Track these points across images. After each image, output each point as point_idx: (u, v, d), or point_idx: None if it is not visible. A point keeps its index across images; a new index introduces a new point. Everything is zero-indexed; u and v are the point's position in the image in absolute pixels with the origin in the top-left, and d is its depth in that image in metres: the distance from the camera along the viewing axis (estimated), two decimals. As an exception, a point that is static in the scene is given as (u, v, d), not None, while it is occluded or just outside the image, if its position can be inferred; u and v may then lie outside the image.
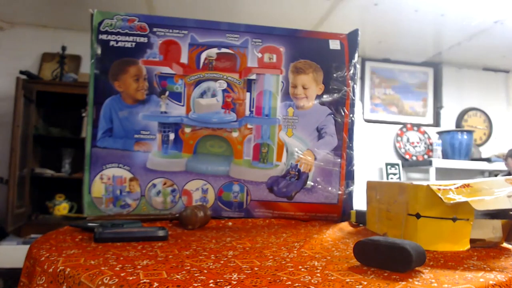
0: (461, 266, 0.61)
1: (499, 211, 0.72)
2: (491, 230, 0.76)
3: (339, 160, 1.11)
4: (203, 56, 1.08)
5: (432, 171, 3.57)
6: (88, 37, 1.06)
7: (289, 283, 0.50)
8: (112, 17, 1.06)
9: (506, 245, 0.77)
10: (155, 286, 0.48)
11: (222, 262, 0.61)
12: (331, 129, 1.11)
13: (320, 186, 1.10)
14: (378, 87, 3.96)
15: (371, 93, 3.94)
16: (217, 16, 2.98)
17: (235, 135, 1.08)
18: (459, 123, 4.07)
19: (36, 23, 3.29)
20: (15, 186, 2.71)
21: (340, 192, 1.10)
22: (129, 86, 1.05)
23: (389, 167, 3.77)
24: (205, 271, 0.55)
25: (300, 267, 0.58)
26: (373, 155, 3.79)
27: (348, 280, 0.51)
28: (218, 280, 0.51)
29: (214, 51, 1.09)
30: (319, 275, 0.54)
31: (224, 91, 1.08)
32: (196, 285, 0.48)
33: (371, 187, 0.96)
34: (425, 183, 0.72)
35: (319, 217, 1.11)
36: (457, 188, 0.72)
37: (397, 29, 3.21)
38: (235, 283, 0.50)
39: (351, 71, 1.13)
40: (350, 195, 1.12)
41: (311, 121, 1.11)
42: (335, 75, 1.12)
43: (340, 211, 1.10)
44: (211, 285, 0.49)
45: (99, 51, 1.05)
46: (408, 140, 3.94)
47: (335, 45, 1.14)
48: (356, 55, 1.15)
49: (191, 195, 1.07)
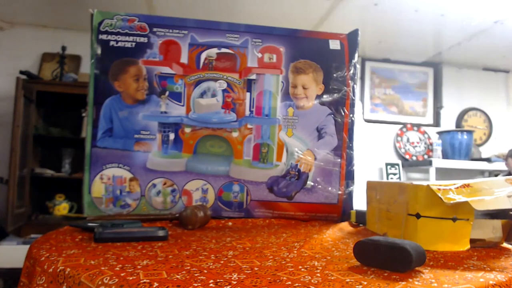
0: (461, 266, 0.61)
1: (499, 211, 0.72)
2: (491, 230, 0.76)
3: (339, 160, 1.11)
4: (203, 56, 1.08)
5: (432, 171, 3.57)
6: (88, 37, 1.06)
7: (289, 283, 0.50)
8: (112, 17, 1.06)
9: (506, 245, 0.77)
10: (155, 286, 0.48)
11: (222, 262, 0.61)
12: (331, 129, 1.11)
13: (320, 186, 1.10)
14: (378, 87, 3.96)
15: (371, 93, 3.94)
16: (217, 16, 2.98)
17: (235, 135, 1.08)
18: (459, 123, 4.07)
19: (36, 23, 3.29)
20: (15, 186, 2.71)
21: (340, 192, 1.10)
22: (129, 86, 1.05)
23: (389, 167, 3.77)
24: (205, 271, 0.55)
25: (300, 267, 0.58)
26: (373, 155, 3.79)
27: (348, 280, 0.51)
28: (218, 280, 0.51)
29: (214, 51, 1.09)
30: (319, 275, 0.54)
31: (224, 91, 1.08)
32: (196, 285, 0.48)
33: (371, 187, 0.96)
34: (425, 183, 0.72)
35: (319, 217, 1.11)
36: (457, 188, 0.72)
37: (397, 29, 3.21)
38: (235, 283, 0.50)
39: (351, 71, 1.13)
40: (350, 195, 1.12)
41: (311, 121, 1.11)
42: (335, 75, 1.12)
43: (340, 211, 1.10)
44: (211, 285, 0.49)
45: (99, 51, 1.05)
46: (408, 140, 3.94)
47: (335, 45, 1.14)
48: (356, 55, 1.15)
49: (191, 195, 1.07)
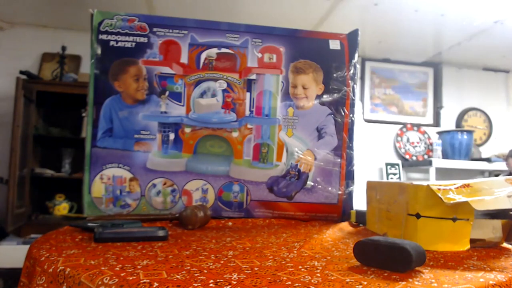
0: (461, 266, 0.61)
1: (499, 211, 0.72)
2: (491, 230, 0.76)
3: (339, 160, 1.11)
4: (203, 56, 1.08)
5: (432, 171, 3.57)
6: (88, 37, 1.06)
7: (289, 283, 0.50)
8: (112, 17, 1.06)
9: (506, 245, 0.77)
10: (155, 286, 0.48)
11: (222, 262, 0.61)
12: (331, 129, 1.11)
13: (320, 186, 1.10)
14: (378, 87, 3.96)
15: (371, 93, 3.94)
16: (217, 16, 2.98)
17: (235, 135, 1.08)
18: (459, 123, 4.07)
19: (36, 23, 3.29)
20: (15, 186, 2.71)
21: (340, 192, 1.10)
22: (129, 86, 1.05)
23: (389, 167, 3.77)
24: (205, 271, 0.55)
25: (300, 267, 0.58)
26: (373, 155, 3.79)
27: (348, 280, 0.51)
28: (218, 280, 0.51)
29: (214, 51, 1.09)
30: (319, 275, 0.54)
31: (224, 91, 1.08)
32: (196, 285, 0.48)
33: (371, 187, 0.96)
34: (425, 183, 0.72)
35: (319, 217, 1.11)
36: (457, 188, 0.72)
37: (397, 29, 3.21)
38: (235, 283, 0.50)
39: (351, 71, 1.13)
40: (350, 195, 1.12)
41: (311, 121, 1.11)
42: (335, 75, 1.12)
43: (340, 211, 1.10)
44: (211, 285, 0.49)
45: (99, 51, 1.05)
46: (408, 140, 3.94)
47: (335, 45, 1.14)
48: (356, 55, 1.15)
49: (191, 195, 1.07)
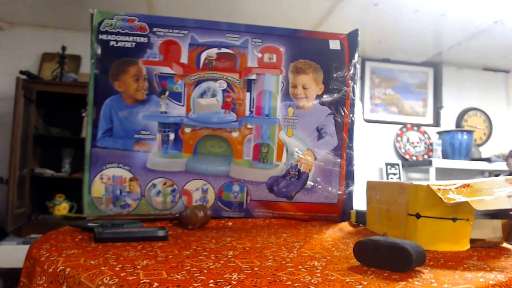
0: (461, 266, 0.61)
1: (499, 211, 0.72)
2: (491, 230, 0.76)
3: (339, 160, 1.11)
4: (203, 56, 1.08)
5: (432, 171, 3.57)
6: (88, 37, 1.06)
7: (289, 283, 0.50)
8: (112, 17, 1.06)
9: (506, 245, 0.77)
10: (155, 286, 0.48)
11: (222, 262, 0.61)
12: (331, 129, 1.11)
13: (320, 186, 1.10)
14: (378, 87, 3.96)
15: (371, 93, 3.94)
16: (217, 16, 2.98)
17: (235, 135, 1.08)
18: (459, 123, 4.07)
19: (36, 23, 3.29)
20: (15, 186, 2.71)
21: (340, 192, 1.10)
22: (129, 86, 1.05)
23: (389, 167, 3.77)
24: (205, 271, 0.55)
25: (300, 267, 0.58)
26: (373, 155, 3.79)
27: (348, 280, 0.51)
28: (218, 280, 0.51)
29: (214, 51, 1.09)
30: (319, 275, 0.54)
31: (224, 91, 1.08)
32: (196, 285, 0.48)
33: (371, 187, 0.96)
34: (425, 183, 0.72)
35: (319, 217, 1.11)
36: (457, 188, 0.72)
37: (397, 29, 3.21)
38: (235, 283, 0.50)
39: (351, 71, 1.13)
40: (350, 195, 1.12)
41: (311, 121, 1.11)
42: (335, 75, 1.12)
43: (340, 211, 1.10)
44: (211, 285, 0.49)
45: (99, 51, 1.05)
46: (408, 140, 3.94)
47: (335, 45, 1.14)
48: (356, 55, 1.15)
49: (191, 195, 1.07)
